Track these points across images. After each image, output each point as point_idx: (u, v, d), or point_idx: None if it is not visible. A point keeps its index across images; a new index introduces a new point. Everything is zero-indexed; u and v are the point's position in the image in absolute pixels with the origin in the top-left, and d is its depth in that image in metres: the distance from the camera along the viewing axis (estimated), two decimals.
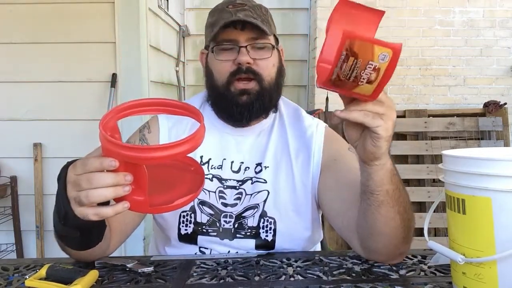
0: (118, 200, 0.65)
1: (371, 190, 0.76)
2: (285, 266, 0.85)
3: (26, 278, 0.78)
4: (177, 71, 3.25)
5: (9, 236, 2.31)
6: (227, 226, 0.96)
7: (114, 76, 2.23)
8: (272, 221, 0.96)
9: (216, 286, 0.77)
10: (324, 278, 0.79)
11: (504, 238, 0.62)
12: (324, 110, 2.98)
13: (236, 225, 0.97)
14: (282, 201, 0.97)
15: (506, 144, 2.95)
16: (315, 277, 0.80)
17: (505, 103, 3.03)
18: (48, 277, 0.78)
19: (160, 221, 1.01)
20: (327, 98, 3.01)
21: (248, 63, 0.93)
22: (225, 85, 0.95)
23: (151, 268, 0.84)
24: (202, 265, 0.87)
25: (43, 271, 0.78)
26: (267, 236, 0.96)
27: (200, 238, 0.97)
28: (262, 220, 0.96)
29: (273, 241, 0.96)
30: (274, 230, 0.96)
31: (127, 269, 0.84)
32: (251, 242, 0.96)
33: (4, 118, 2.28)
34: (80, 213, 0.65)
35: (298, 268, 0.84)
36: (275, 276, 0.80)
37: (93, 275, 0.77)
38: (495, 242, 0.62)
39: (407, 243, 0.83)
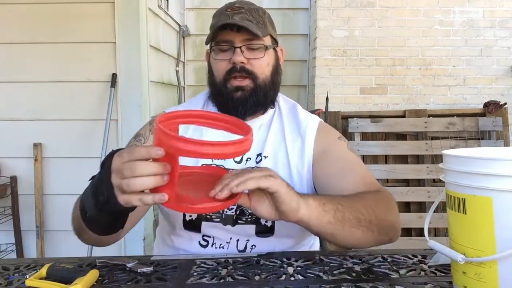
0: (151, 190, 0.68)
1: (317, 232, 0.84)
2: (285, 265, 0.85)
3: (26, 278, 0.78)
4: (177, 71, 3.25)
5: (9, 236, 2.31)
6: (229, 212, 1.01)
7: (114, 76, 2.23)
8: None
9: (216, 285, 0.77)
10: (324, 277, 0.79)
11: (504, 238, 0.62)
12: (324, 110, 2.98)
13: (237, 212, 1.01)
14: None
15: (506, 144, 2.95)
16: (315, 276, 0.80)
17: (505, 103, 3.03)
18: (49, 277, 0.78)
19: (165, 209, 1.04)
20: (327, 98, 3.01)
21: (242, 62, 1.00)
22: (222, 82, 1.02)
23: (151, 268, 0.84)
24: (202, 264, 0.87)
25: (43, 271, 0.78)
26: (266, 222, 1.00)
27: (204, 224, 1.01)
28: None
29: (272, 226, 1.01)
30: None
31: (127, 269, 0.84)
32: (252, 228, 1.01)
33: (4, 118, 2.28)
34: (123, 200, 0.68)
35: (298, 268, 0.84)
36: (275, 275, 0.80)
37: (93, 274, 0.77)
38: (496, 241, 0.62)
39: (387, 233, 0.91)
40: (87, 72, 2.26)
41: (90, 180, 0.77)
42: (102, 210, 0.72)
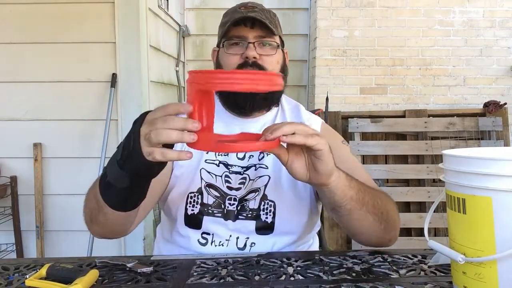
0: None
1: (338, 205, 0.84)
2: (285, 265, 0.85)
3: (26, 278, 0.78)
4: (177, 71, 3.25)
5: (9, 236, 2.31)
6: (231, 208, 1.03)
7: (114, 76, 2.23)
8: (272, 204, 1.03)
9: (216, 285, 0.77)
10: (324, 277, 0.79)
11: (504, 238, 0.62)
12: (324, 110, 2.98)
13: (239, 207, 1.03)
14: (282, 185, 1.04)
15: (506, 144, 2.95)
16: (315, 276, 0.80)
17: (505, 103, 3.03)
18: (49, 277, 0.78)
19: (169, 202, 1.06)
20: (327, 98, 3.01)
21: (255, 57, 1.02)
22: None
23: (151, 268, 0.84)
24: (202, 265, 0.87)
25: (43, 271, 0.79)
26: (267, 218, 1.02)
27: (205, 219, 1.02)
28: (262, 203, 1.03)
29: (273, 223, 1.02)
30: (274, 213, 1.02)
31: (127, 269, 0.84)
32: (252, 224, 1.02)
33: (4, 118, 2.28)
34: (147, 151, 0.68)
35: (298, 268, 0.84)
36: (275, 275, 0.80)
37: (93, 274, 0.77)
38: (496, 241, 0.62)
39: (390, 231, 0.93)
40: (87, 72, 2.26)
41: (117, 147, 0.78)
42: (124, 166, 0.72)
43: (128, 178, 0.73)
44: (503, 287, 0.63)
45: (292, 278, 0.79)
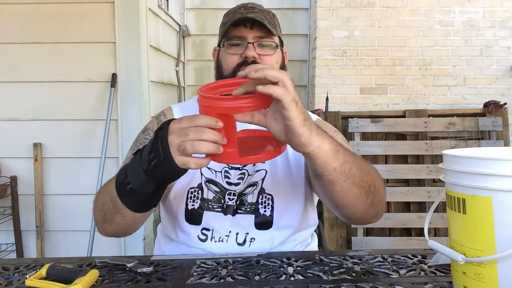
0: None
1: (319, 173, 0.79)
2: (285, 265, 0.85)
3: (26, 278, 0.79)
4: (177, 71, 3.25)
5: (9, 236, 2.31)
6: (230, 203, 1.05)
7: (114, 76, 2.23)
8: (270, 197, 1.05)
9: (216, 285, 0.77)
10: (324, 277, 0.79)
11: (504, 238, 0.62)
12: (324, 110, 2.98)
13: (238, 202, 1.05)
14: (278, 178, 1.06)
15: (506, 144, 2.95)
16: (315, 276, 0.80)
17: (505, 103, 3.03)
18: (49, 277, 0.78)
19: (170, 197, 1.07)
20: (327, 98, 3.01)
21: (254, 57, 1.04)
22: (231, 74, 1.06)
23: (151, 268, 0.84)
24: (202, 264, 0.87)
25: (43, 271, 0.79)
26: (265, 211, 1.05)
27: (205, 214, 1.04)
28: (260, 196, 1.05)
29: (271, 216, 1.04)
30: (272, 206, 1.05)
31: (127, 269, 0.84)
32: (251, 218, 1.04)
33: (4, 118, 2.28)
34: (181, 161, 0.69)
35: (298, 268, 0.84)
36: (275, 275, 0.80)
37: (93, 274, 0.77)
38: (496, 241, 0.62)
39: (376, 205, 0.89)
40: (87, 72, 2.26)
41: (133, 154, 0.78)
42: (151, 175, 0.72)
43: (155, 184, 0.74)
44: (503, 287, 0.63)
45: (292, 278, 0.79)
